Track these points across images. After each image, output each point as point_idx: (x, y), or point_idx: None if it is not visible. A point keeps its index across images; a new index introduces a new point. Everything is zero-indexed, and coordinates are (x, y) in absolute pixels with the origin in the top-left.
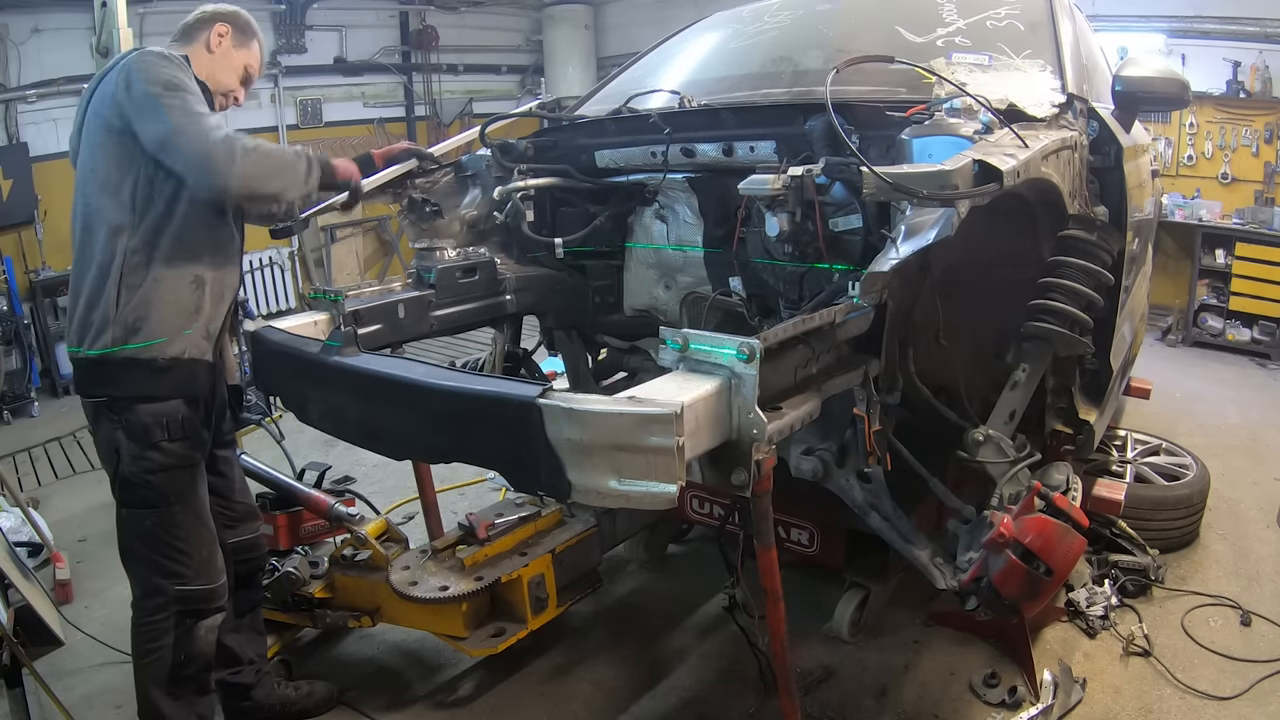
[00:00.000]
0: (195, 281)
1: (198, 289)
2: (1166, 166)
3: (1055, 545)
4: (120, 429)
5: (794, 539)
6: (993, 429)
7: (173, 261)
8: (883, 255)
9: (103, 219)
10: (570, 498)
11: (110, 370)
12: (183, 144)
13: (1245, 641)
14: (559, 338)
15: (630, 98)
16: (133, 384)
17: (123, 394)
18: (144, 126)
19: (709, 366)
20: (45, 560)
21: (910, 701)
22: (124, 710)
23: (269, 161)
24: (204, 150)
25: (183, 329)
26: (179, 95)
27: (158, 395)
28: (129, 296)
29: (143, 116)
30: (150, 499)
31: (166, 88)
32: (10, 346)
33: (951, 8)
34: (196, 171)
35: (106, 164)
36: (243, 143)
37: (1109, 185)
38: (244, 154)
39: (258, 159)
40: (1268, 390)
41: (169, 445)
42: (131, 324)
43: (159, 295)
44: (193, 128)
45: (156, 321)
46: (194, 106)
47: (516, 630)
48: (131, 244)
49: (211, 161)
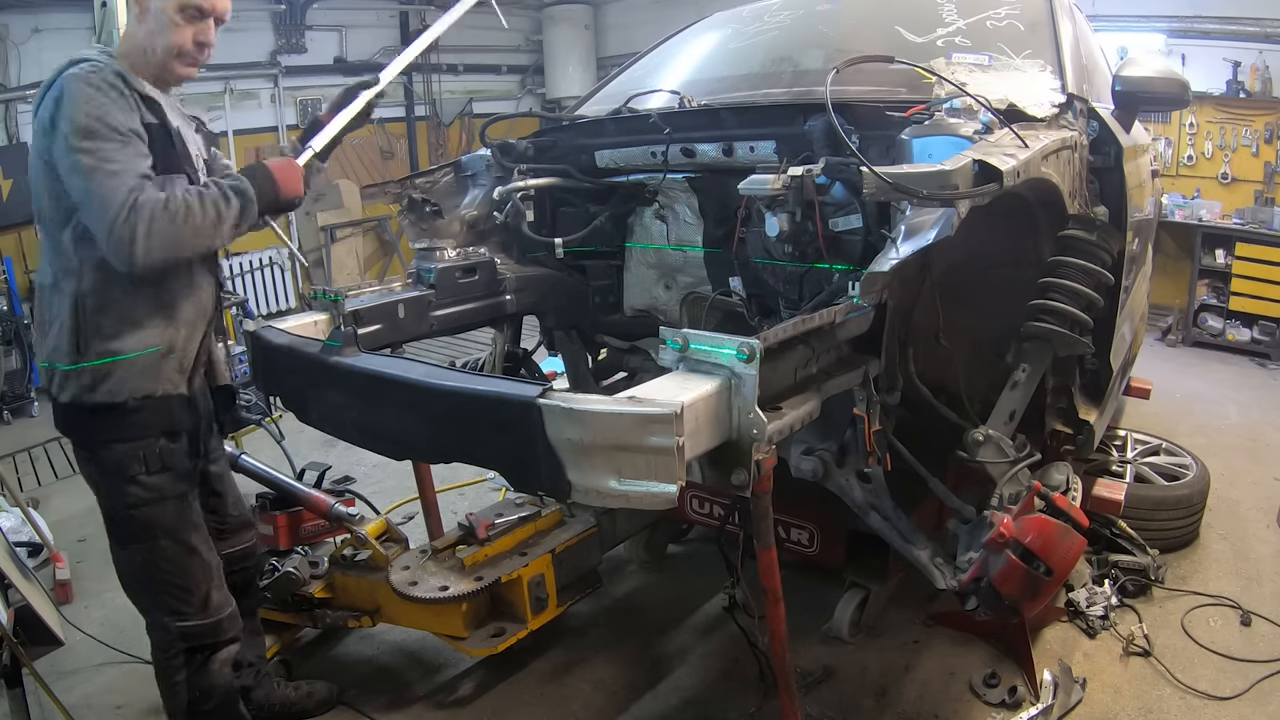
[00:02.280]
0: (163, 320)
1: (167, 326)
2: (1166, 166)
3: (1055, 545)
4: (94, 465)
5: (794, 539)
6: (993, 429)
7: (131, 305)
8: (883, 255)
9: (51, 254)
10: (570, 498)
11: (77, 415)
12: (91, 217)
13: (1245, 641)
14: (559, 338)
15: (630, 98)
16: (102, 428)
17: (93, 438)
18: (67, 180)
19: (709, 366)
20: (45, 560)
21: (910, 701)
22: (124, 710)
23: (182, 228)
24: (107, 228)
25: (151, 372)
26: (94, 146)
27: (129, 436)
28: (87, 346)
29: (64, 169)
30: (136, 534)
31: (84, 135)
32: (10, 346)
33: (951, 8)
34: (105, 247)
35: (45, 196)
36: (150, 210)
37: (1109, 185)
38: (148, 231)
39: (166, 230)
40: (1268, 390)
41: (148, 479)
42: (95, 377)
43: (120, 344)
44: (99, 195)
45: (121, 374)
46: (106, 163)
47: (516, 630)
48: (82, 288)
49: (115, 243)
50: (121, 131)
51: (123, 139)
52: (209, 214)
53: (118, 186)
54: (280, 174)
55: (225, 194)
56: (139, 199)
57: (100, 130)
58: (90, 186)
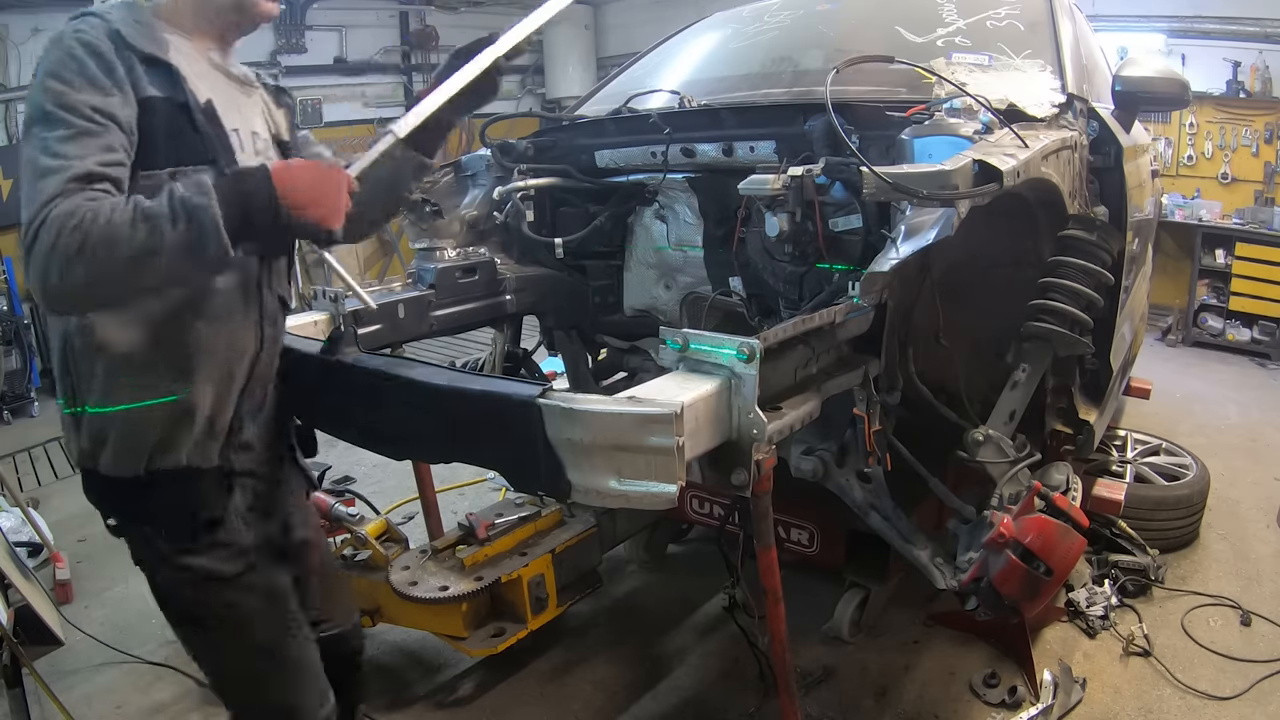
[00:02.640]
0: (174, 370)
1: (179, 378)
2: (1166, 166)
3: (1055, 545)
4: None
5: (794, 539)
6: (993, 429)
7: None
8: (883, 255)
9: None
10: (570, 498)
11: (87, 479)
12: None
13: (1245, 641)
14: (559, 338)
15: (630, 98)
16: (114, 500)
17: (107, 509)
18: None
19: (709, 366)
20: (45, 560)
21: (910, 701)
22: (124, 710)
23: (90, 257)
24: (22, 245)
25: (166, 440)
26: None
27: (148, 514)
28: (83, 393)
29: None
30: (192, 615)
31: (35, 121)
32: (10, 346)
33: (951, 8)
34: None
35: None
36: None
37: (1109, 185)
38: (49, 256)
39: (72, 257)
40: (1268, 390)
41: (184, 560)
42: (94, 440)
43: (114, 396)
44: (24, 201)
45: (121, 440)
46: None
47: (516, 630)
48: (70, 324)
49: (28, 266)
50: (80, 114)
51: (75, 127)
52: (135, 238)
53: (41, 190)
54: (288, 180)
55: (173, 208)
56: (54, 209)
57: (53, 114)
58: (22, 189)
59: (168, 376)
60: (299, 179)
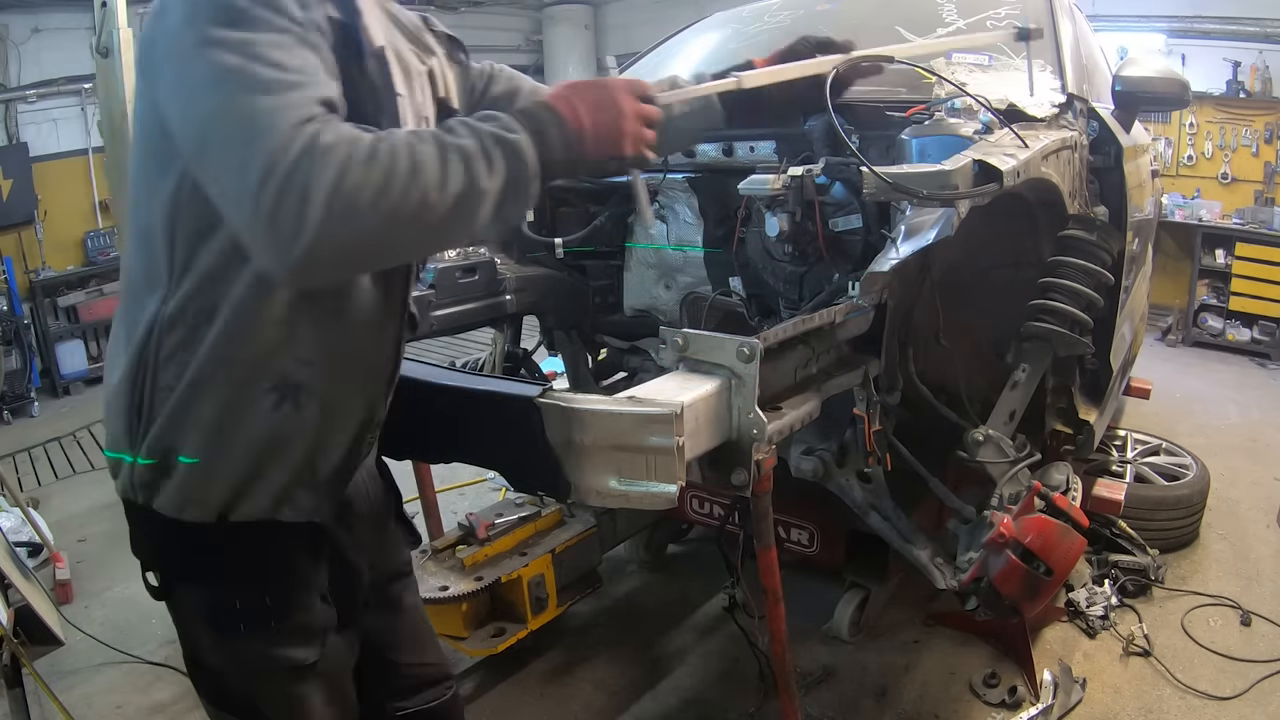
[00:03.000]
0: (277, 389)
1: (282, 402)
2: (1166, 166)
3: (1055, 545)
4: (161, 598)
5: (794, 539)
6: (993, 429)
7: (233, 352)
8: (883, 255)
9: (132, 252)
10: (570, 498)
11: (134, 519)
12: (217, 167)
13: (1245, 641)
14: (559, 338)
15: None
16: (164, 553)
17: (155, 563)
18: (176, 106)
19: (709, 366)
20: (45, 560)
21: (910, 701)
22: (124, 710)
23: (400, 199)
24: (249, 184)
25: (256, 478)
26: (240, 37)
27: (210, 577)
28: (158, 408)
29: (173, 84)
30: (244, 709)
31: (225, 17)
32: (10, 346)
33: (951, 8)
34: (239, 222)
35: (138, 149)
36: (341, 157)
37: (1109, 185)
38: (332, 196)
39: (368, 198)
40: (1268, 390)
41: (249, 642)
42: (159, 457)
43: (204, 416)
44: (238, 122)
45: (201, 464)
46: (258, 65)
47: (516, 630)
48: (167, 311)
49: (260, 214)
50: (292, 16)
51: (294, 27)
52: (451, 178)
53: (278, 109)
54: (587, 109)
55: (484, 145)
56: (320, 135)
57: (253, 11)
58: (224, 107)
59: (277, 440)
60: (586, 104)
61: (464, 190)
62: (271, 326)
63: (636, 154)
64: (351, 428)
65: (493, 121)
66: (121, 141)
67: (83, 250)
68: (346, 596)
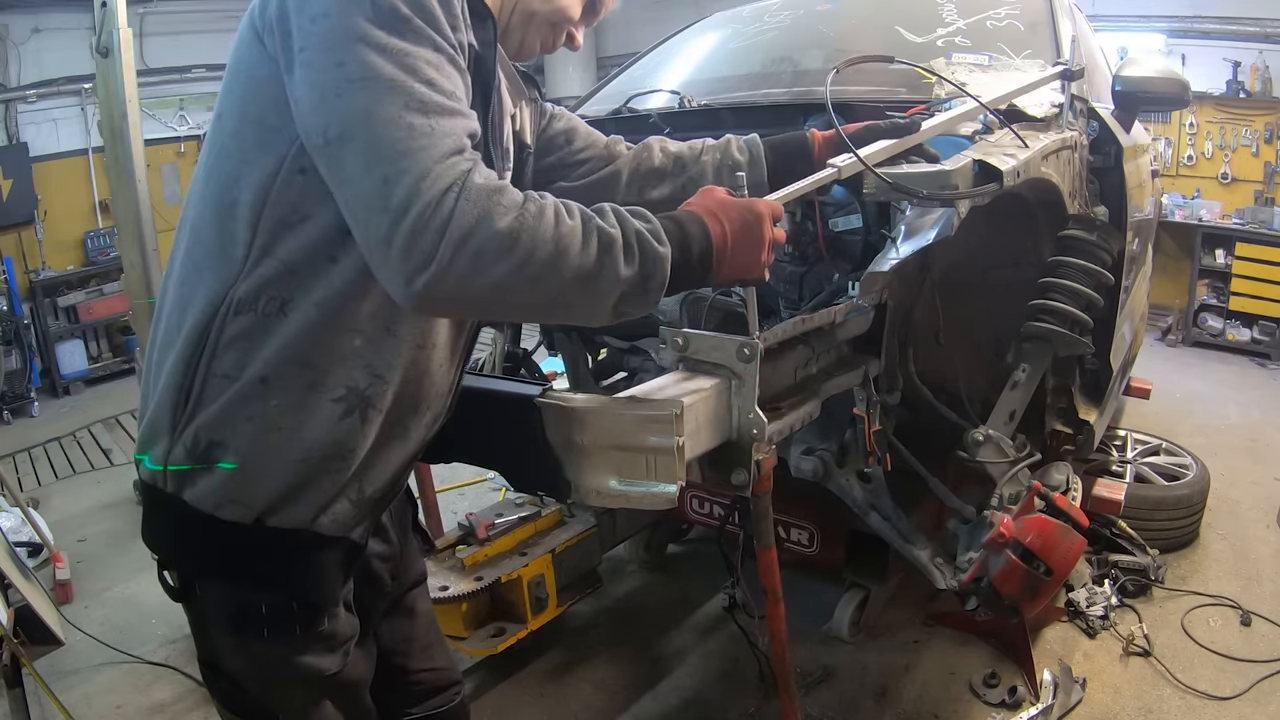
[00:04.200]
0: (346, 399)
1: (349, 413)
2: (1166, 166)
3: (1055, 545)
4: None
5: (794, 539)
6: (993, 429)
7: (307, 354)
8: (883, 255)
9: (204, 220)
10: (570, 498)
11: (160, 510)
12: (357, 168)
13: (1245, 641)
14: (559, 338)
15: (630, 98)
16: (190, 549)
17: (179, 559)
18: (302, 97)
19: (709, 366)
20: (45, 560)
21: (910, 701)
22: (124, 710)
23: (549, 265)
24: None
25: (305, 485)
26: (395, 45)
27: (242, 578)
28: (210, 395)
29: (311, 65)
30: (245, 707)
31: (379, 16)
32: (10, 346)
33: (951, 8)
34: (371, 237)
35: (233, 115)
36: (494, 206)
37: (1109, 185)
38: (484, 242)
39: (522, 254)
40: (1268, 390)
41: (274, 649)
42: (203, 447)
43: (263, 413)
44: (390, 134)
45: (245, 463)
46: (415, 80)
47: (516, 630)
48: (238, 293)
49: (402, 236)
50: (446, 35)
51: (448, 47)
52: (586, 259)
53: (432, 133)
54: (721, 230)
55: (628, 240)
56: (472, 175)
57: (414, 22)
58: (375, 112)
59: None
60: (733, 230)
61: (594, 274)
62: (349, 334)
63: (761, 277)
64: (406, 453)
65: (643, 220)
66: (121, 141)
67: (82, 250)
68: (368, 606)
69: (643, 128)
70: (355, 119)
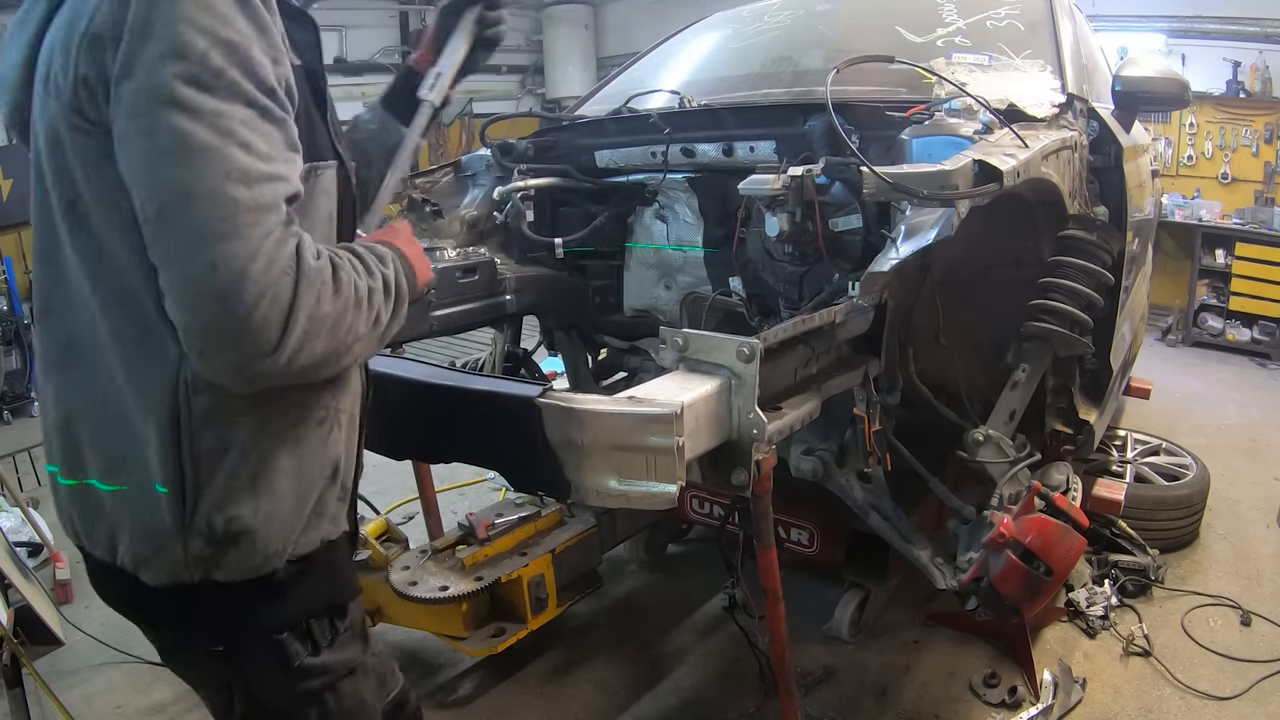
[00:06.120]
0: (325, 420)
1: (329, 428)
2: (1166, 166)
3: (1055, 545)
4: (230, 664)
5: (794, 539)
6: (993, 429)
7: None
8: (883, 255)
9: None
10: (570, 498)
11: (187, 606)
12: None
13: (1245, 641)
14: (559, 338)
15: (630, 98)
16: (235, 618)
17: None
18: (122, 169)
19: (709, 366)
20: (45, 560)
21: (910, 701)
22: (124, 710)
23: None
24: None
25: (316, 506)
26: (208, 105)
27: (285, 618)
28: (205, 475)
29: (119, 147)
30: None
31: (186, 74)
32: (10, 346)
33: (951, 8)
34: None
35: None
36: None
37: (1109, 185)
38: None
39: (334, 325)
40: (1268, 390)
41: (324, 659)
42: (222, 533)
43: (265, 467)
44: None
45: (268, 520)
46: (231, 144)
47: (516, 630)
48: (188, 374)
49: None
50: (262, 84)
51: (262, 98)
52: (373, 310)
53: (254, 208)
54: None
55: (386, 285)
56: (303, 255)
57: (228, 74)
58: (193, 187)
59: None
60: (415, 250)
61: (382, 320)
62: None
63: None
64: (358, 430)
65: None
66: None
67: None
68: None
69: (643, 128)
70: (174, 196)
